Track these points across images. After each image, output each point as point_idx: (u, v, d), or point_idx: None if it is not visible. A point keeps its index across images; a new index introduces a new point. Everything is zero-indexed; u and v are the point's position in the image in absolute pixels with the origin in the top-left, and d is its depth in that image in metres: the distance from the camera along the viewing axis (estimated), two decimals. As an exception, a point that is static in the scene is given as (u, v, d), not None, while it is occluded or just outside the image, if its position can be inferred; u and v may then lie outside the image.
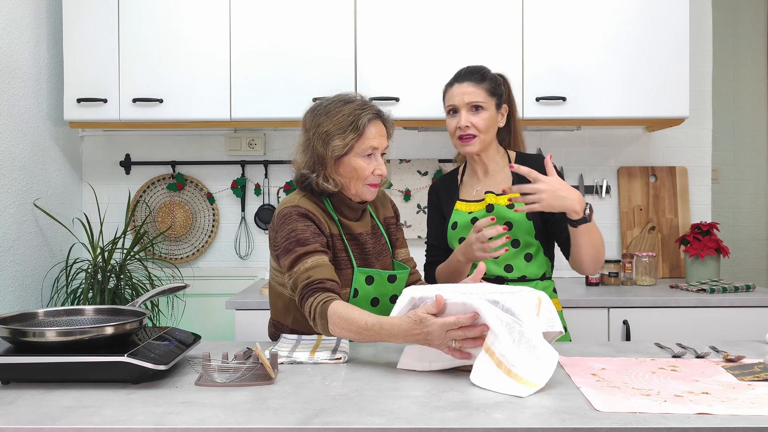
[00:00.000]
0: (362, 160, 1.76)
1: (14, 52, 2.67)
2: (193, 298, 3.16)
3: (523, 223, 1.95)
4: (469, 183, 2.09)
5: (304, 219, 1.72)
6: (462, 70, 2.04)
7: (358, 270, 1.79)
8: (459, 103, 1.97)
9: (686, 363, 1.53)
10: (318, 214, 1.76)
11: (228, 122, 2.88)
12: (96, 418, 1.17)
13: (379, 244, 1.90)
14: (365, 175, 1.77)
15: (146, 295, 1.71)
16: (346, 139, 1.74)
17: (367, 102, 1.82)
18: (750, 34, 4.18)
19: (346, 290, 1.78)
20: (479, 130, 1.96)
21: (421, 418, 1.16)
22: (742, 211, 4.24)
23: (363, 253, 1.84)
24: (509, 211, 1.95)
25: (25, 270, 2.73)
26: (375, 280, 1.82)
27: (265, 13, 2.84)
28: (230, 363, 1.40)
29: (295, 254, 1.68)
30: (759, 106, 4.22)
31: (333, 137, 1.75)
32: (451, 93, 2.01)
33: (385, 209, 1.99)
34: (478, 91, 1.97)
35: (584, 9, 2.81)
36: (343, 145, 1.74)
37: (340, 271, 1.77)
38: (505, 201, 1.95)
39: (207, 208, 3.26)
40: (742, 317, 2.59)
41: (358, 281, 1.79)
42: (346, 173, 1.78)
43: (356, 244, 1.83)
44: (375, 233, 1.91)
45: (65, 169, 3.10)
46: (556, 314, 1.48)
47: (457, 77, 2.02)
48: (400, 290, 1.85)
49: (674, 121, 2.93)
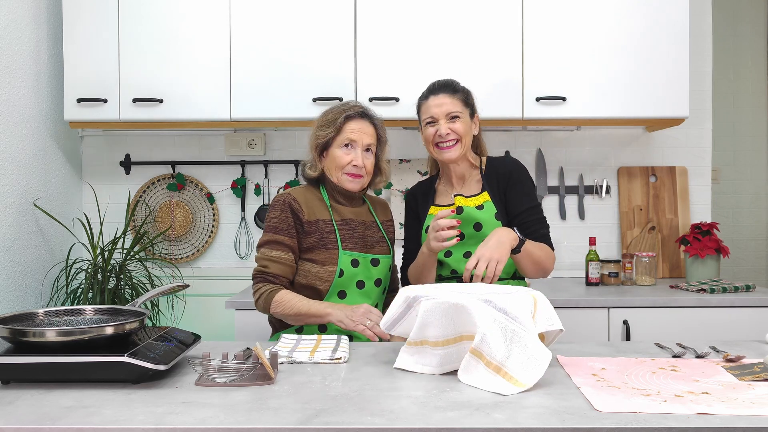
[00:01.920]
0: (341, 151, 2.02)
1: (14, 51, 2.67)
2: (193, 298, 3.16)
3: (492, 223, 2.04)
4: (445, 191, 2.18)
5: (287, 209, 1.99)
6: (434, 83, 2.15)
7: (343, 252, 1.99)
8: (437, 114, 2.07)
9: (686, 363, 1.53)
10: (305, 201, 2.02)
11: (228, 122, 2.88)
12: (96, 418, 1.16)
13: (375, 236, 2.10)
14: (342, 164, 2.01)
15: (146, 295, 1.71)
16: (327, 131, 2.03)
17: (356, 104, 2.09)
18: (750, 34, 4.18)
19: (332, 268, 1.98)
20: (459, 134, 2.07)
21: (421, 418, 1.15)
22: (742, 211, 4.24)
23: (353, 237, 2.03)
24: (478, 212, 2.05)
25: (25, 270, 2.73)
26: (360, 263, 2.01)
27: (265, 13, 2.84)
28: (230, 363, 1.40)
29: (268, 237, 1.99)
30: (759, 106, 4.22)
31: (319, 130, 2.05)
32: (427, 105, 2.11)
33: (385, 214, 2.20)
34: (454, 101, 2.09)
35: (584, 9, 2.81)
36: (324, 136, 2.03)
37: (327, 250, 1.98)
38: (475, 202, 2.08)
39: (207, 208, 3.26)
40: (742, 317, 2.59)
41: (344, 262, 1.98)
42: (329, 163, 2.04)
43: (347, 228, 2.04)
44: (371, 226, 2.11)
45: (65, 169, 3.10)
46: (554, 312, 1.49)
47: (432, 90, 2.13)
48: (383, 275, 2.06)
49: (674, 121, 2.93)
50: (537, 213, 2.08)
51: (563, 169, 3.24)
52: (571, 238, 3.23)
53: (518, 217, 2.06)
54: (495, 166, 2.13)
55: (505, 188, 2.08)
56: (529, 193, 2.09)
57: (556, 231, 3.09)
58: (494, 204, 2.06)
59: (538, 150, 3.23)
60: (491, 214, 2.05)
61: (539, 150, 3.23)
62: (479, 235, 2.03)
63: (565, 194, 3.24)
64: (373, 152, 2.07)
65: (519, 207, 2.06)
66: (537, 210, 2.08)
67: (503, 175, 2.09)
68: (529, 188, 2.11)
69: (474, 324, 1.38)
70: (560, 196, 3.24)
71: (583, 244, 3.18)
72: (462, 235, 2.01)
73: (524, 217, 2.06)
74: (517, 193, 2.07)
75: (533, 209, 2.08)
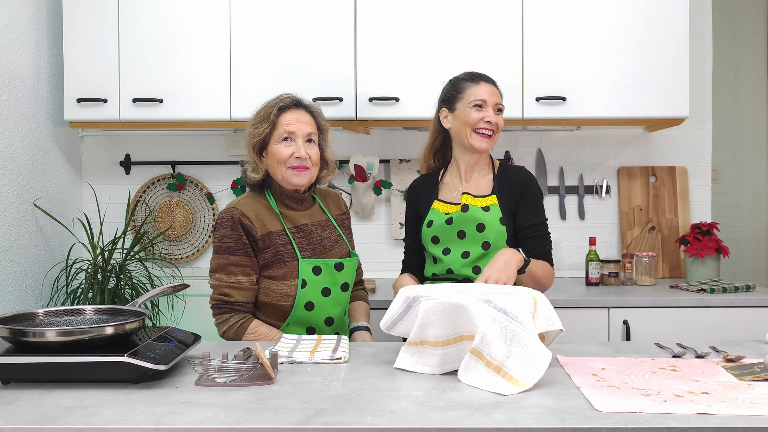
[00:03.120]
0: (280, 146, 1.91)
1: (14, 52, 2.67)
2: (193, 298, 3.15)
3: (495, 226, 2.03)
4: (451, 184, 2.15)
5: (237, 227, 1.86)
6: (480, 73, 2.14)
7: (303, 261, 1.88)
8: (489, 101, 2.06)
9: (686, 363, 1.53)
10: (255, 215, 1.88)
11: (228, 122, 2.88)
12: (96, 418, 1.17)
13: (332, 236, 2.00)
14: (284, 158, 1.90)
15: (147, 295, 1.71)
16: (262, 127, 1.92)
17: (289, 96, 1.99)
18: (750, 34, 4.18)
19: (293, 282, 1.87)
20: (499, 129, 2.08)
21: (421, 419, 1.16)
22: (742, 211, 4.24)
23: (311, 244, 1.93)
24: (483, 213, 2.03)
25: (25, 270, 2.73)
26: (322, 270, 1.91)
27: (265, 13, 2.84)
28: (230, 363, 1.40)
29: (222, 260, 1.86)
30: (759, 106, 4.22)
31: (253, 129, 1.95)
32: (477, 89, 2.07)
33: (338, 207, 2.11)
34: (499, 95, 2.11)
35: (584, 9, 2.81)
36: (259, 133, 1.92)
37: (285, 264, 1.87)
38: (483, 203, 2.05)
39: (207, 208, 3.26)
40: (742, 317, 2.59)
41: (305, 272, 1.88)
42: (270, 161, 1.93)
43: (303, 235, 1.93)
44: (327, 226, 2.01)
45: (65, 169, 3.10)
46: (554, 312, 1.49)
47: (481, 76, 2.12)
48: (350, 278, 1.97)
49: (674, 121, 2.93)
50: (543, 229, 2.09)
51: (563, 169, 3.24)
52: (571, 238, 3.23)
53: (525, 230, 2.06)
54: (508, 172, 2.12)
55: (518, 200, 2.07)
56: (538, 209, 2.09)
57: (557, 231, 3.09)
58: (501, 209, 2.05)
59: (538, 150, 3.23)
60: (496, 218, 2.03)
61: (539, 150, 3.23)
62: (480, 236, 2.02)
63: (565, 194, 3.24)
64: (315, 142, 1.96)
65: (527, 221, 2.06)
66: (543, 226, 2.09)
67: (517, 186, 2.08)
68: (540, 203, 2.11)
69: (474, 324, 1.38)
70: (560, 196, 3.24)
71: (583, 244, 3.18)
72: (486, 243, 2.01)
73: (530, 232, 2.06)
74: (529, 207, 2.07)
75: (540, 225, 2.08)
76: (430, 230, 2.08)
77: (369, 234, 3.23)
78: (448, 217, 2.06)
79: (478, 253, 2.02)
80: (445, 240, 2.06)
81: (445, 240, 2.06)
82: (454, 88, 2.12)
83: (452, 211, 2.07)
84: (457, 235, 2.05)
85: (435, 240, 2.07)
